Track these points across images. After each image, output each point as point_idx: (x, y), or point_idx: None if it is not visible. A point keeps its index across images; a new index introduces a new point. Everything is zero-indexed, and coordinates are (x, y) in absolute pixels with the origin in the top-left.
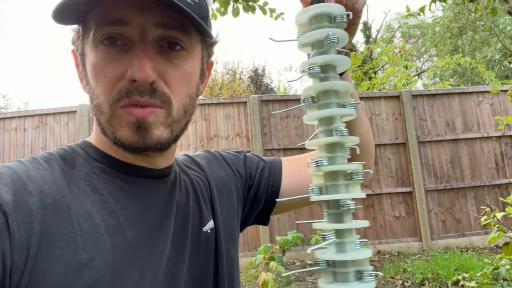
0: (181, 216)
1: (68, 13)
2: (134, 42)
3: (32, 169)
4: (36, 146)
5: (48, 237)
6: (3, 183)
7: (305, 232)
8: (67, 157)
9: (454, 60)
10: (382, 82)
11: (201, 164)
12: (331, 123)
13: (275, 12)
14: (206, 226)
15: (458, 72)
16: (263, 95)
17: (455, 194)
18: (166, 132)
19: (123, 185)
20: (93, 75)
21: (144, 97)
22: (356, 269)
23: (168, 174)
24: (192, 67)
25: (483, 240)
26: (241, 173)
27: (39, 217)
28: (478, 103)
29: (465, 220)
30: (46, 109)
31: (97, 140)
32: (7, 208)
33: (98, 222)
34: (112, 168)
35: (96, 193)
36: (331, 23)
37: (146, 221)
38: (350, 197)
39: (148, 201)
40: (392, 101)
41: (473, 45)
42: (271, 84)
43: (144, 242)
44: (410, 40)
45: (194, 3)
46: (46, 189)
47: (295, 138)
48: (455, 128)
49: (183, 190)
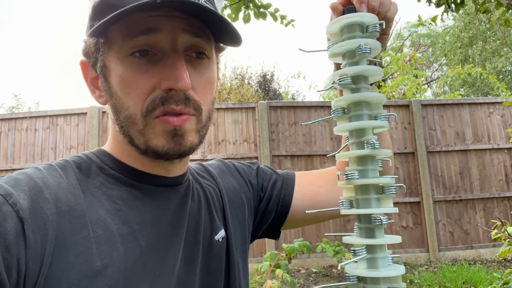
0: (193, 225)
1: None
2: (165, 51)
3: (48, 176)
4: (46, 147)
5: (63, 243)
6: (21, 190)
7: (311, 239)
8: (83, 165)
9: (465, 70)
10: (391, 91)
11: (213, 173)
12: (362, 135)
13: (285, 19)
14: (218, 235)
15: (468, 82)
16: (271, 101)
17: (463, 205)
18: (197, 138)
19: (137, 193)
20: (122, 87)
21: (180, 105)
22: (389, 286)
23: (181, 182)
24: (213, 74)
25: (491, 253)
26: (253, 184)
27: (55, 224)
28: (489, 114)
29: (473, 232)
30: (57, 110)
31: (113, 148)
32: (23, 215)
33: (112, 229)
34: (126, 176)
35: (111, 201)
36: (363, 33)
37: (158, 229)
38: (382, 212)
39: (161, 209)
40: (401, 110)
41: (484, 55)
42: (279, 89)
43: (156, 250)
44: (420, 49)
45: (216, 11)
46: (62, 196)
47: (303, 145)
48: (465, 138)
49: (195, 198)
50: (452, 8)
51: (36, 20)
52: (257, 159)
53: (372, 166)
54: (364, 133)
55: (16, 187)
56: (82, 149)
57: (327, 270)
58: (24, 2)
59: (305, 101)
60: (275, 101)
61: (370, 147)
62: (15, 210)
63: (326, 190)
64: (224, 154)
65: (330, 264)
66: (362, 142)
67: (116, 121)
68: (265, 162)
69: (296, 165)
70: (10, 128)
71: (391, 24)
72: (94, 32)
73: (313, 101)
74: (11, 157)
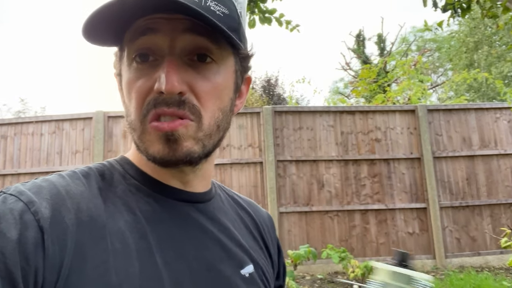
0: (212, 250)
1: (101, 33)
2: (164, 55)
3: (72, 184)
4: (52, 151)
5: (81, 255)
6: (43, 198)
7: (316, 245)
8: (106, 173)
9: (472, 75)
10: (396, 95)
11: (259, 219)
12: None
13: (290, 24)
14: (244, 270)
15: (473, 87)
16: (276, 106)
17: (470, 211)
18: (197, 146)
19: (155, 206)
20: (126, 93)
21: (171, 108)
22: None
23: (204, 201)
24: (224, 80)
25: (499, 260)
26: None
27: (74, 235)
28: (496, 120)
29: (480, 239)
30: (62, 115)
31: (134, 156)
32: (44, 224)
33: (130, 244)
34: (146, 186)
35: (130, 212)
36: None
37: (174, 248)
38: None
39: (178, 226)
40: (407, 115)
41: (489, 60)
42: (284, 94)
43: (171, 269)
44: (426, 53)
45: (224, 15)
46: (83, 205)
47: (308, 150)
48: (472, 144)
49: (221, 223)
50: (459, 13)
51: (43, 24)
52: (262, 164)
53: None
54: None
55: (38, 194)
56: (88, 154)
57: (333, 276)
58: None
59: (309, 106)
60: (280, 106)
61: None
62: (36, 219)
63: None
64: (229, 159)
65: (336, 271)
66: None
67: (126, 128)
68: (270, 167)
69: (301, 170)
70: (16, 132)
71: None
72: (104, 36)
73: (318, 106)
74: (17, 162)
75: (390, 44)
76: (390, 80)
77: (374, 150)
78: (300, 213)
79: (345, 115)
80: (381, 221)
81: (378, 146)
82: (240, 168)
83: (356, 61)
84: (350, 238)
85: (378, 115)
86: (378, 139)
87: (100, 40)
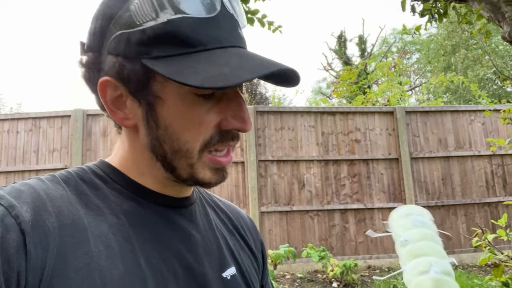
0: (194, 253)
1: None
2: (227, 91)
3: (52, 188)
4: (29, 149)
5: (63, 258)
6: (23, 201)
7: (296, 245)
8: (85, 177)
9: (448, 78)
10: (376, 97)
11: (236, 218)
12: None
13: (273, 25)
14: (226, 272)
15: (450, 89)
16: (258, 106)
17: (446, 211)
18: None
19: (139, 210)
20: (180, 122)
21: (235, 140)
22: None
23: (186, 205)
24: None
25: (472, 258)
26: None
27: (56, 238)
28: (470, 122)
29: (455, 238)
30: (40, 112)
31: (119, 163)
32: (25, 227)
33: (114, 246)
34: (129, 190)
35: (113, 215)
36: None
37: (157, 250)
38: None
39: (161, 230)
40: (386, 117)
41: (466, 63)
42: (266, 93)
43: (155, 272)
44: (405, 56)
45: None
46: (64, 209)
47: (289, 150)
48: (447, 145)
49: (202, 226)
50: (436, 18)
51: (21, 17)
52: (243, 163)
53: None
54: None
55: (19, 198)
56: (66, 153)
57: (312, 275)
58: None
59: (291, 107)
60: (262, 106)
61: None
62: (17, 222)
63: None
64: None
65: (315, 269)
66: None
67: (159, 150)
68: (251, 167)
69: (282, 170)
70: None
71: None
72: (159, 67)
73: (299, 107)
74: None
75: (371, 46)
76: (370, 81)
77: (354, 150)
78: (281, 213)
79: (326, 115)
80: (360, 220)
81: (358, 146)
82: None
83: (338, 62)
84: (330, 237)
85: (358, 116)
86: (358, 140)
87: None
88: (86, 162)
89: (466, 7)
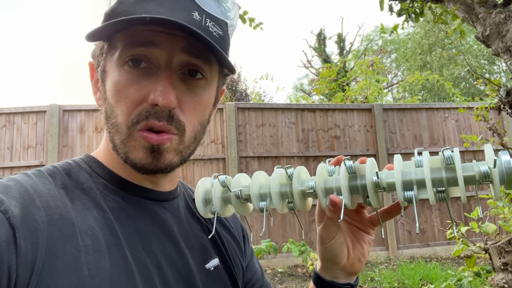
0: (178, 246)
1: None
2: (160, 66)
3: (39, 183)
4: (2, 146)
5: (53, 252)
6: (11, 197)
7: (277, 240)
8: (72, 172)
9: (423, 77)
10: (354, 94)
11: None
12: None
13: (254, 21)
14: (209, 264)
15: (426, 87)
16: (239, 103)
17: (420, 205)
18: (177, 157)
19: (123, 204)
20: (113, 94)
21: (162, 121)
22: None
23: (169, 199)
24: (209, 96)
25: (446, 251)
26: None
27: (45, 232)
28: (444, 119)
29: (429, 231)
30: (14, 108)
31: (103, 156)
32: (15, 222)
33: (100, 240)
34: (114, 185)
35: (99, 209)
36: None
37: (142, 243)
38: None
39: (146, 223)
40: (364, 114)
41: (441, 62)
42: (247, 90)
43: (140, 264)
44: (383, 54)
45: (219, 36)
46: (52, 203)
47: (270, 146)
48: (422, 141)
49: (183, 219)
50: (412, 18)
51: None
52: (224, 160)
53: None
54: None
55: (6, 193)
56: (41, 149)
57: (293, 270)
58: None
59: (272, 103)
60: (243, 103)
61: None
62: (6, 217)
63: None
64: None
65: (295, 264)
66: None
67: (105, 126)
68: (233, 163)
69: (263, 166)
70: None
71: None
72: (93, 35)
73: (280, 103)
74: None
75: (350, 44)
76: (349, 79)
77: (334, 147)
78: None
79: (306, 112)
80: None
81: (337, 143)
82: (203, 164)
83: (317, 60)
84: (310, 232)
85: (337, 113)
86: (337, 136)
87: (96, 38)
88: (63, 159)
89: (442, 7)
